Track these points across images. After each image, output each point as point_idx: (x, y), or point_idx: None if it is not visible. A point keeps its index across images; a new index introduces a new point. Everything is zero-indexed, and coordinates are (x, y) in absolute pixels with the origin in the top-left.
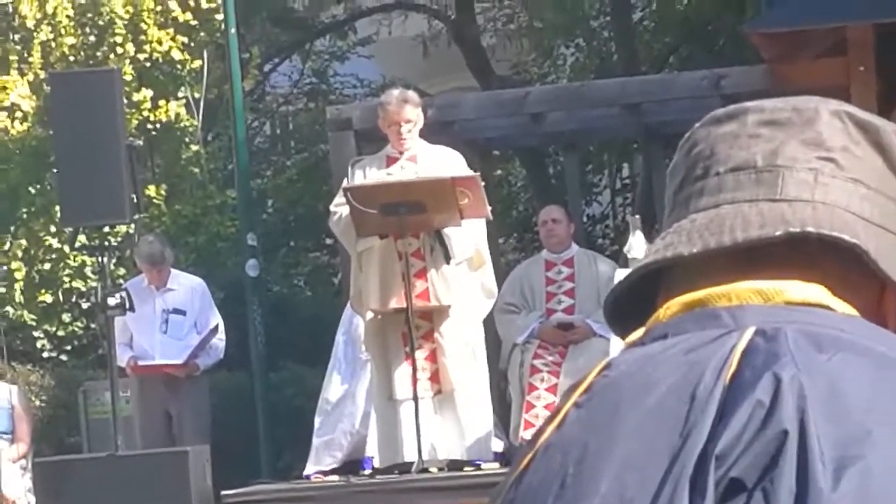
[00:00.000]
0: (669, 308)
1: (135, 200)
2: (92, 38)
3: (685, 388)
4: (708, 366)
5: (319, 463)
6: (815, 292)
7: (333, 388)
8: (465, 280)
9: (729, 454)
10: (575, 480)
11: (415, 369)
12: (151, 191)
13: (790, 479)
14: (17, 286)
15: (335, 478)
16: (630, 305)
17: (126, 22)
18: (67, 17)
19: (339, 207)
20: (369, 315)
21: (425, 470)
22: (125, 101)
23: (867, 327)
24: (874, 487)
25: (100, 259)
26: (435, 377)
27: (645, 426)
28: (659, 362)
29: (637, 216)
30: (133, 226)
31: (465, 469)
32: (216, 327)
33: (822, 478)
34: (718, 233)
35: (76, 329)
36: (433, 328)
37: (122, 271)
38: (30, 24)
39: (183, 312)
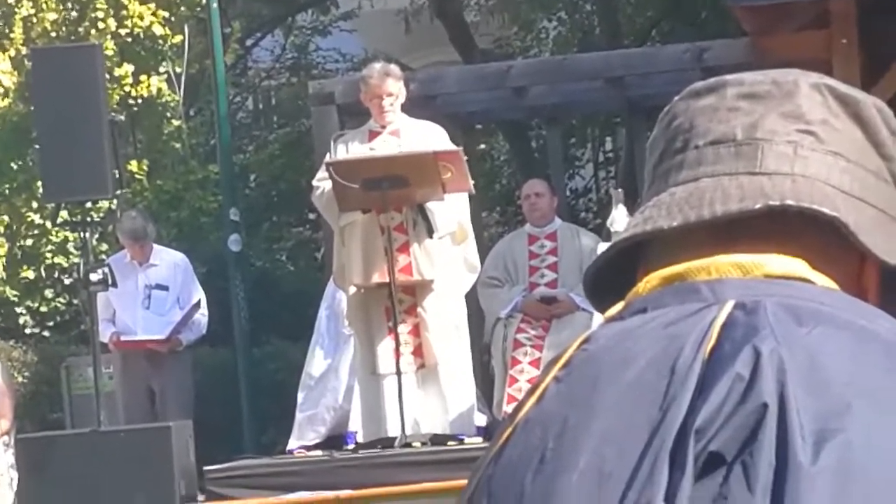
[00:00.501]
0: (649, 282)
1: (117, 176)
2: (73, 14)
3: (665, 362)
4: (687, 340)
5: (302, 438)
6: (794, 266)
7: (316, 362)
8: (447, 254)
9: (708, 428)
10: (554, 455)
11: (398, 344)
12: (133, 166)
13: (770, 453)
14: (0, 262)
15: (318, 452)
16: (610, 279)
17: None
18: None
19: (322, 182)
20: (352, 290)
21: (408, 444)
22: (107, 76)
23: (847, 300)
24: (854, 460)
25: (82, 235)
26: (418, 351)
27: (624, 400)
28: (638, 336)
29: (620, 190)
30: (115, 201)
31: (448, 444)
32: (199, 303)
33: (802, 451)
34: (698, 206)
35: (59, 305)
36: (416, 303)
37: (104, 247)
38: None
39: (165, 288)
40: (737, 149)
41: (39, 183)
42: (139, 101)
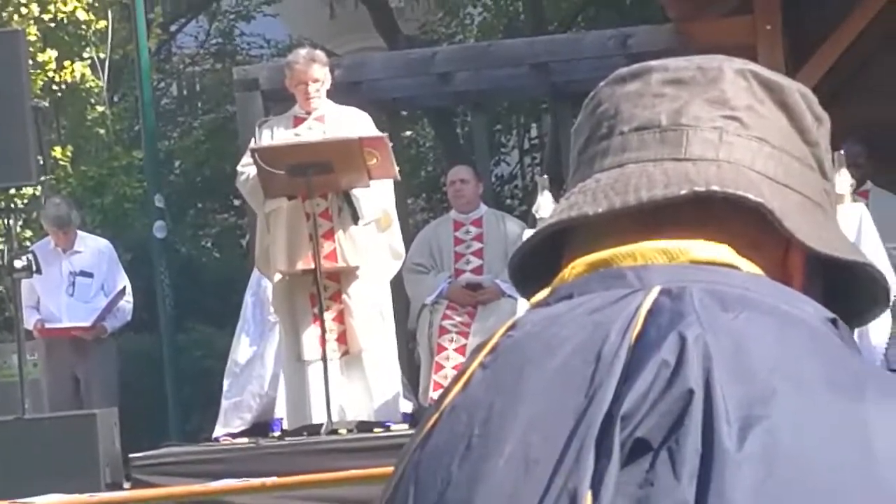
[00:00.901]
0: (574, 268)
1: (41, 162)
2: None
3: (590, 349)
4: (613, 326)
5: (228, 425)
6: (720, 251)
7: (242, 349)
8: (372, 241)
9: (634, 414)
10: (480, 441)
11: (323, 331)
12: (57, 152)
13: (695, 439)
14: None
15: (244, 440)
16: (535, 266)
17: None
18: None
19: (246, 168)
20: (277, 276)
21: (334, 432)
22: (30, 62)
23: (772, 286)
24: (780, 446)
25: (6, 221)
26: (342, 338)
27: (550, 387)
28: (564, 322)
29: (545, 176)
30: (39, 188)
31: (375, 430)
32: (123, 289)
33: (728, 437)
34: (623, 192)
35: None
36: (341, 289)
37: (28, 233)
38: None
39: (90, 275)
40: (662, 135)
41: None
42: (63, 86)
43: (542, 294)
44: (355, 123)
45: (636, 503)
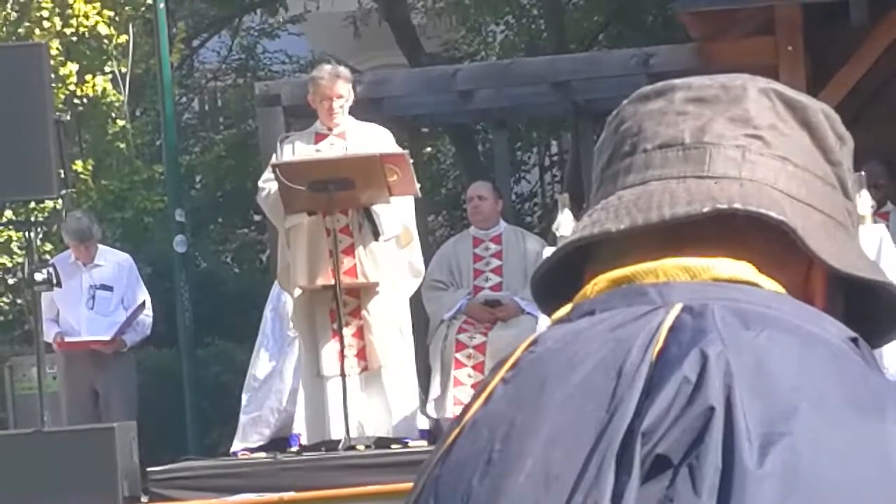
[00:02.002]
0: (597, 284)
1: (62, 175)
2: (14, 14)
3: (612, 365)
4: (635, 342)
5: (246, 440)
6: (742, 269)
7: (261, 364)
8: (392, 257)
9: (655, 430)
10: (501, 456)
11: (342, 346)
12: (78, 166)
13: (716, 456)
14: None
15: (262, 455)
16: (557, 283)
17: None
18: None
19: (267, 183)
20: (297, 292)
21: (352, 447)
22: (52, 75)
23: (794, 304)
24: (800, 464)
25: (27, 234)
26: (362, 354)
27: (571, 402)
28: (586, 338)
29: (566, 194)
30: (60, 201)
31: (392, 447)
32: (143, 303)
33: (748, 454)
34: (646, 209)
35: (2, 304)
36: (360, 305)
37: (48, 247)
38: None
39: (110, 288)
40: (685, 152)
41: None
42: (84, 100)
43: (564, 310)
44: (377, 140)
45: None
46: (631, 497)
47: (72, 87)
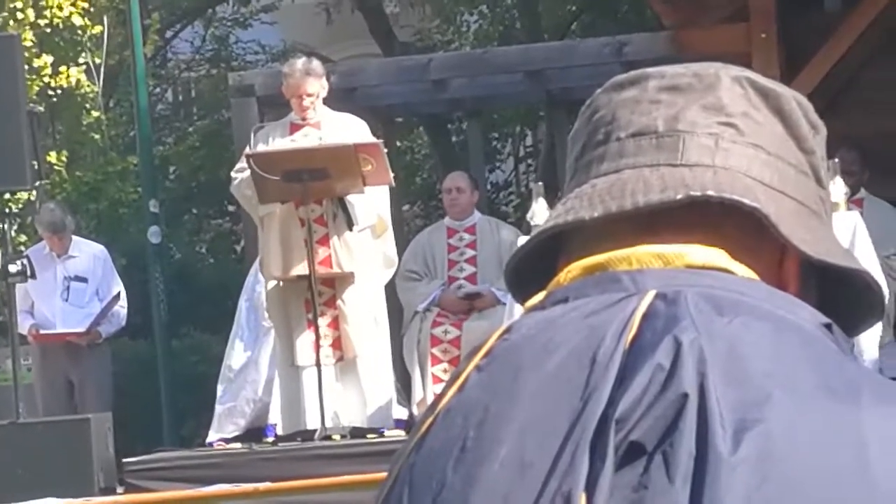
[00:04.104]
0: (570, 272)
1: (36, 167)
2: None
3: (586, 352)
4: (608, 329)
5: (222, 430)
6: (715, 256)
7: (236, 355)
8: (367, 247)
9: (629, 417)
10: (475, 444)
11: (318, 336)
12: (52, 157)
13: (689, 442)
14: None
15: (238, 445)
16: (531, 271)
17: None
18: None
19: (241, 172)
20: (271, 282)
21: (328, 437)
22: (25, 67)
23: (767, 290)
24: (774, 450)
25: (1, 226)
26: (337, 344)
27: (545, 390)
28: (560, 326)
29: (540, 183)
30: (34, 192)
31: (368, 436)
32: (118, 295)
33: (722, 441)
34: (620, 197)
35: None
36: (336, 295)
37: (23, 238)
38: None
39: (85, 280)
40: (658, 140)
41: None
42: (58, 91)
43: (538, 298)
44: (351, 130)
45: None
46: (605, 484)
47: (46, 79)
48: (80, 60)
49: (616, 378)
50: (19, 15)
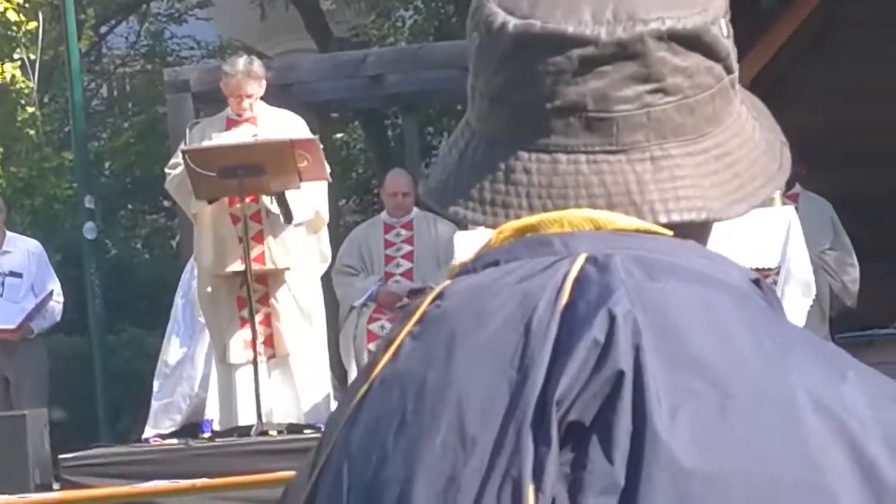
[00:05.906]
0: (501, 233)
1: None
2: None
3: (520, 320)
4: (541, 296)
5: (158, 426)
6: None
7: (172, 350)
8: (302, 243)
9: (567, 396)
10: (415, 417)
11: (255, 333)
12: None
13: (627, 419)
14: None
15: (174, 441)
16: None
17: None
18: None
19: (175, 168)
20: (203, 280)
21: (265, 433)
22: None
23: (696, 250)
24: (710, 423)
25: None
26: (269, 342)
27: (482, 359)
28: (492, 292)
29: None
30: None
31: (305, 432)
32: (51, 292)
33: (658, 416)
34: (563, 199)
35: None
36: (268, 292)
37: None
38: None
39: (20, 275)
40: (588, 121)
41: None
42: None
43: (468, 258)
44: (288, 126)
45: (570, 486)
46: (552, 469)
47: None
48: (15, 56)
49: (552, 350)
50: None
